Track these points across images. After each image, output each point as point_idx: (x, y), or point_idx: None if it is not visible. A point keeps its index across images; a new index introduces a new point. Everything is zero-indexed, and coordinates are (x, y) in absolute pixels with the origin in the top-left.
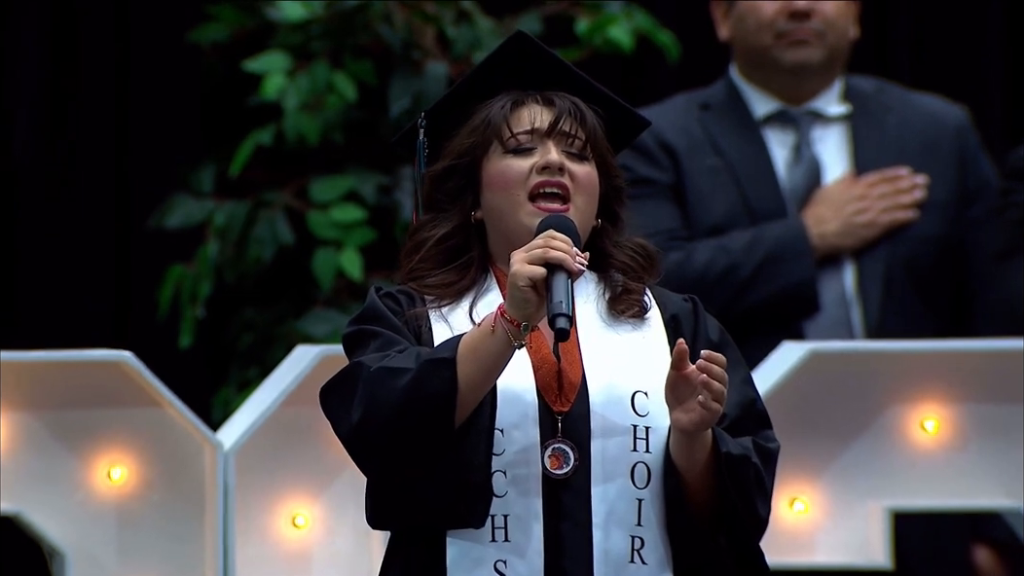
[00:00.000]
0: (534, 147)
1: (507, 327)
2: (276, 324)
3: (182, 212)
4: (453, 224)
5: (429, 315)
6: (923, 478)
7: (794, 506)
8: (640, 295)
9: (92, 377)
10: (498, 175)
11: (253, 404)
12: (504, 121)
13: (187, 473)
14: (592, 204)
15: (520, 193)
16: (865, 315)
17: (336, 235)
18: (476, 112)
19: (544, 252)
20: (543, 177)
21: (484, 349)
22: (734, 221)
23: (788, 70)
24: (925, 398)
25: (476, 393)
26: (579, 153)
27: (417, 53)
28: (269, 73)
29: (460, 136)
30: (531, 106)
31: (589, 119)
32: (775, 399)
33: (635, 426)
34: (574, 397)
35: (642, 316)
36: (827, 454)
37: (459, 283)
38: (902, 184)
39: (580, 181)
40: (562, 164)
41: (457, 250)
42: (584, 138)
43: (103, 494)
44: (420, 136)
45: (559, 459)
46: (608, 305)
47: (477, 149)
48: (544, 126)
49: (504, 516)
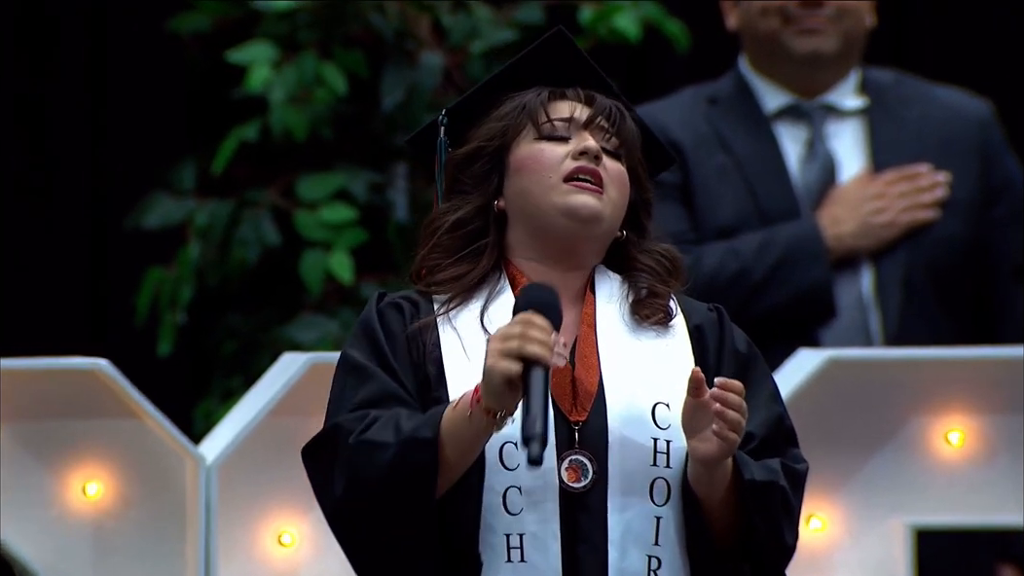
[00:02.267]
0: (569, 136)
1: (483, 417)
2: (261, 330)
3: (161, 212)
4: (473, 206)
5: (437, 324)
6: (947, 493)
7: (811, 523)
8: (666, 300)
9: (66, 386)
10: (530, 158)
11: (237, 415)
12: (541, 106)
13: (167, 488)
14: (622, 202)
15: (553, 176)
16: (884, 321)
17: (325, 236)
18: (505, 102)
19: (520, 347)
20: (580, 163)
21: (462, 433)
22: (744, 222)
23: (800, 60)
24: (949, 409)
25: (458, 470)
26: (614, 151)
27: (411, 43)
28: (254, 64)
29: (489, 121)
30: (570, 99)
31: (628, 124)
32: (790, 410)
33: (655, 439)
34: (590, 406)
35: (666, 323)
36: (846, 468)
37: (469, 274)
38: (922, 182)
39: (614, 176)
40: (599, 151)
41: (472, 236)
42: (620, 140)
43: (78, 511)
44: (441, 134)
45: (577, 471)
46: (632, 308)
47: (508, 133)
48: (583, 117)
49: (520, 535)
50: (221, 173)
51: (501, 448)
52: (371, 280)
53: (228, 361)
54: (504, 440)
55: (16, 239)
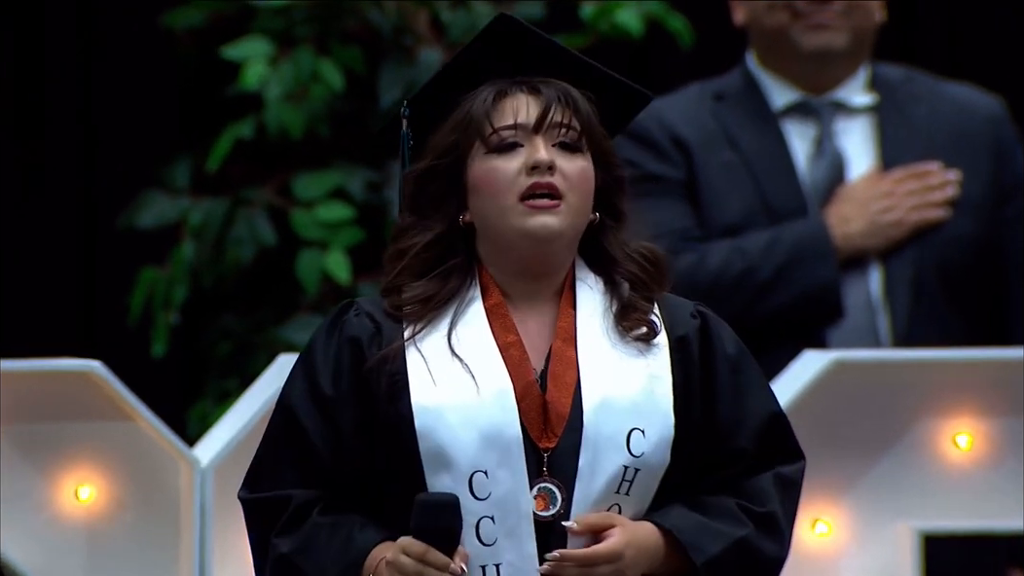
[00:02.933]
0: (521, 144)
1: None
2: (257, 331)
3: (155, 211)
4: (436, 232)
5: (404, 351)
6: (955, 498)
7: (816, 528)
8: (649, 314)
9: (58, 388)
10: (484, 178)
11: (232, 417)
12: (485, 117)
13: (161, 492)
14: (586, 200)
15: (508, 197)
16: (892, 322)
17: (321, 235)
18: (460, 104)
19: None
20: (533, 179)
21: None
22: (751, 220)
23: (809, 56)
24: (958, 411)
25: None
26: (572, 144)
27: (409, 39)
28: (249, 60)
29: (442, 132)
30: (515, 97)
31: (583, 106)
32: (795, 412)
33: (626, 467)
34: (561, 431)
35: (649, 340)
36: (852, 472)
37: (438, 295)
38: (932, 180)
39: (573, 177)
40: (551, 163)
41: (441, 256)
42: (578, 128)
43: (70, 514)
44: (404, 127)
45: (545, 499)
46: (615, 320)
47: (459, 148)
48: (530, 121)
49: (496, 566)
50: (216, 171)
51: (471, 477)
52: (368, 280)
53: (223, 362)
54: (474, 469)
55: (7, 238)
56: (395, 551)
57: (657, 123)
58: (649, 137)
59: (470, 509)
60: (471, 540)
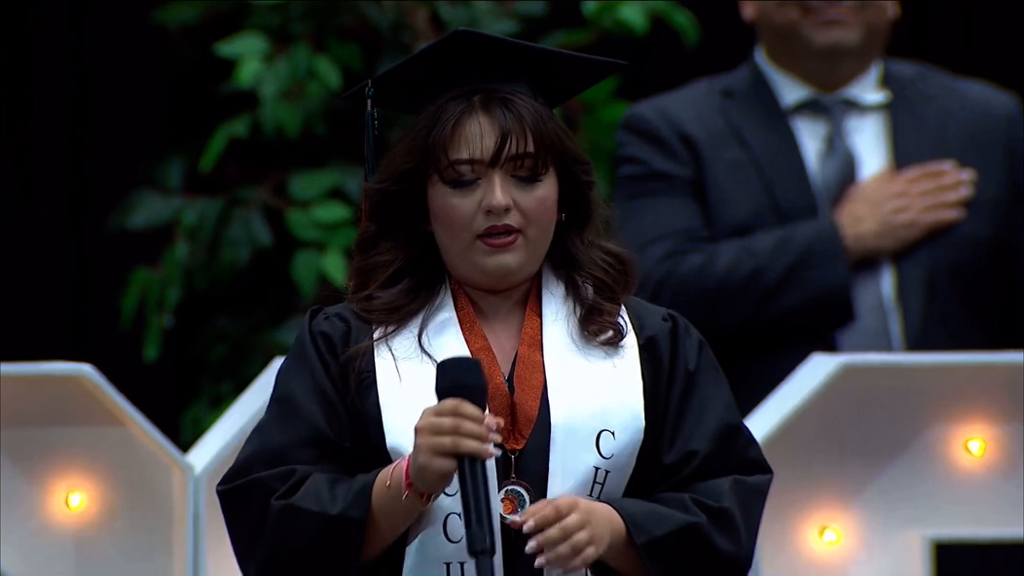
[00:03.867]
0: (479, 178)
1: (415, 498)
2: (252, 334)
3: (147, 211)
4: (402, 249)
5: (373, 349)
6: (968, 505)
7: (824, 536)
8: (614, 316)
9: (48, 393)
10: (442, 212)
11: (227, 423)
12: (443, 150)
13: (154, 499)
14: (547, 228)
15: (466, 235)
16: (905, 325)
17: (318, 236)
18: (418, 122)
19: (455, 445)
20: (489, 221)
21: (392, 509)
22: (760, 220)
23: (819, 53)
24: (970, 416)
25: (384, 543)
26: (530, 174)
27: (408, 35)
28: (244, 57)
29: (399, 152)
30: (473, 121)
31: (538, 127)
32: (804, 417)
33: (596, 469)
34: (529, 432)
35: (617, 343)
36: (861, 478)
37: (408, 306)
38: (946, 180)
39: (531, 210)
40: (508, 206)
41: (407, 270)
42: (535, 153)
43: (60, 522)
44: (369, 107)
45: (513, 502)
46: (580, 324)
47: (418, 175)
48: (486, 157)
49: (461, 564)
50: (210, 170)
51: None
52: None
53: (217, 366)
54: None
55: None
56: (425, 416)
57: (664, 120)
58: (655, 134)
59: (438, 505)
60: (439, 537)
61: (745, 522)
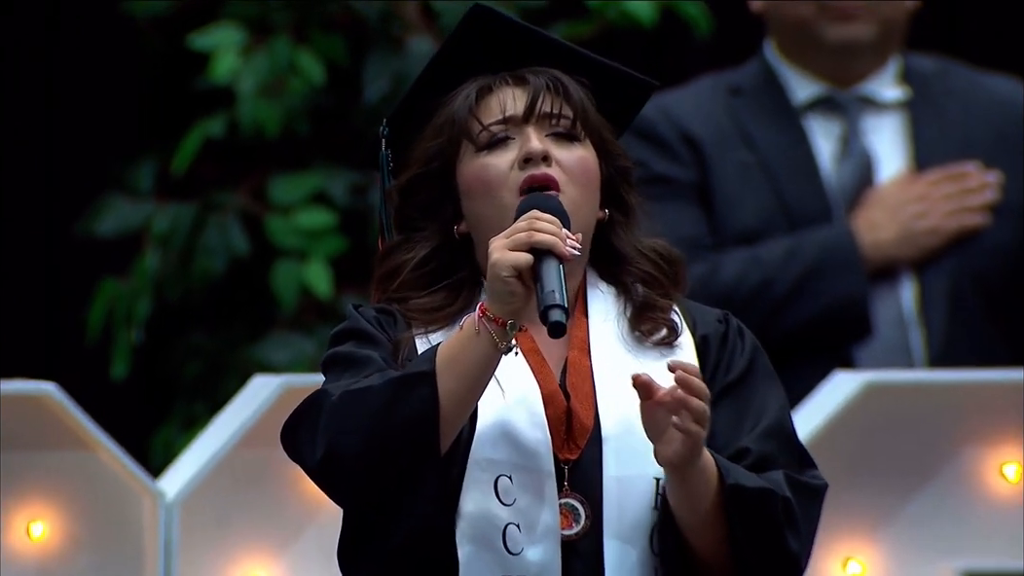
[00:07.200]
0: (512, 137)
1: (490, 327)
2: (228, 350)
3: (116, 216)
4: (432, 245)
5: (415, 340)
6: (1002, 535)
7: (849, 567)
8: (668, 313)
9: (9, 413)
10: (476, 179)
11: (201, 446)
12: (471, 114)
13: (122, 528)
14: (591, 193)
15: (505, 194)
16: (927, 339)
17: (300, 244)
18: (441, 107)
19: (529, 236)
20: (527, 171)
21: (466, 357)
22: (769, 227)
23: (834, 48)
24: (1004, 439)
25: (461, 408)
26: (567, 133)
27: (397, 27)
28: (219, 51)
29: (425, 138)
30: (500, 90)
31: (574, 92)
32: (825, 439)
33: (658, 480)
34: (584, 442)
35: (671, 342)
36: (887, 506)
37: (450, 307)
38: (970, 183)
39: (571, 168)
40: (546, 152)
41: (443, 272)
42: (571, 115)
43: (21, 554)
44: (383, 147)
45: (568, 517)
46: (631, 325)
47: (447, 152)
48: (519, 112)
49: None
50: (183, 173)
51: (496, 480)
52: (351, 293)
53: (191, 385)
54: (499, 473)
55: None
56: (499, 237)
57: (665, 119)
58: (656, 134)
59: (496, 514)
60: (498, 546)
61: (805, 524)
